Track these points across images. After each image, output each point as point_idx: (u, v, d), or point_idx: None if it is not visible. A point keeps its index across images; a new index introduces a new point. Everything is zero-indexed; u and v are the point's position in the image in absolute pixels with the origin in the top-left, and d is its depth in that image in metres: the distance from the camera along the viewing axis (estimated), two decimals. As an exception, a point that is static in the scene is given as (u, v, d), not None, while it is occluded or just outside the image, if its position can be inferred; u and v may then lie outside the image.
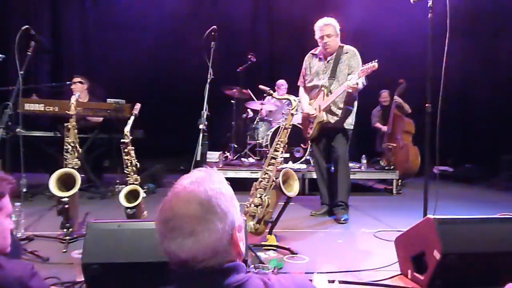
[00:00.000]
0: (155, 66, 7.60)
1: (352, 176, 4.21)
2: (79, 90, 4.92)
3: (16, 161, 3.46)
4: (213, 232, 0.92)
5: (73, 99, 3.07)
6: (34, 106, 4.48)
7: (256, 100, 6.38)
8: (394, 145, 6.23)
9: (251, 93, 6.41)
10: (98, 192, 4.73)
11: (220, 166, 5.66)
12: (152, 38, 7.54)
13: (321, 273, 2.29)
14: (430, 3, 2.91)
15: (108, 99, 4.90)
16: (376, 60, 3.47)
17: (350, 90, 3.57)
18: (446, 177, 6.84)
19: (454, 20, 2.86)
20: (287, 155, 5.59)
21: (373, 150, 6.74)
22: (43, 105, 4.51)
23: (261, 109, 6.32)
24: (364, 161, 5.95)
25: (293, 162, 5.67)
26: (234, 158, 6.26)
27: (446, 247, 1.95)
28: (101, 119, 4.97)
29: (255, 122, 6.31)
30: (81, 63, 7.69)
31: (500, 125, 6.94)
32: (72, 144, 2.99)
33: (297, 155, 5.79)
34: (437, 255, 1.96)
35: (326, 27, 3.74)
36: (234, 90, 6.21)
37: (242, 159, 6.11)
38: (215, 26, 3.02)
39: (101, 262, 1.72)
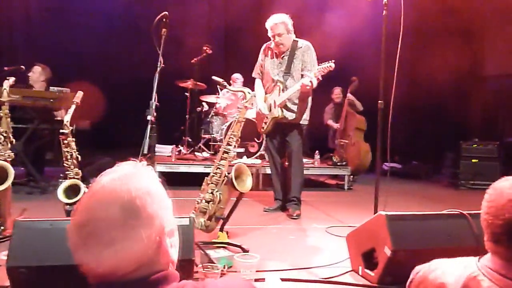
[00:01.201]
0: (102, 53, 7.15)
1: (305, 172, 4.22)
2: (35, 80, 4.70)
3: None
4: (136, 241, 0.78)
5: (5, 85, 2.80)
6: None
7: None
8: (346, 141, 6.34)
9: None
10: (38, 187, 4.39)
11: (173, 160, 5.49)
12: (100, 23, 7.12)
13: (271, 271, 2.24)
14: (385, 1, 2.93)
15: (51, 87, 4.59)
16: (333, 61, 3.46)
17: (308, 86, 3.54)
18: (394, 173, 7.07)
19: (406, 19, 2.90)
20: (242, 149, 5.52)
21: (326, 146, 6.83)
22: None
23: (216, 103, 6.19)
24: (317, 156, 6.01)
25: (248, 157, 5.61)
26: (188, 152, 6.09)
27: (396, 243, 1.95)
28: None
29: (209, 116, 6.17)
30: (22, 48, 7.13)
31: (444, 124, 7.27)
32: (5, 134, 2.74)
33: (252, 150, 5.73)
34: (387, 251, 1.96)
35: (276, 27, 3.66)
36: (188, 82, 6.02)
37: (196, 153, 5.96)
38: (166, 12, 2.86)
39: (29, 265, 1.54)
